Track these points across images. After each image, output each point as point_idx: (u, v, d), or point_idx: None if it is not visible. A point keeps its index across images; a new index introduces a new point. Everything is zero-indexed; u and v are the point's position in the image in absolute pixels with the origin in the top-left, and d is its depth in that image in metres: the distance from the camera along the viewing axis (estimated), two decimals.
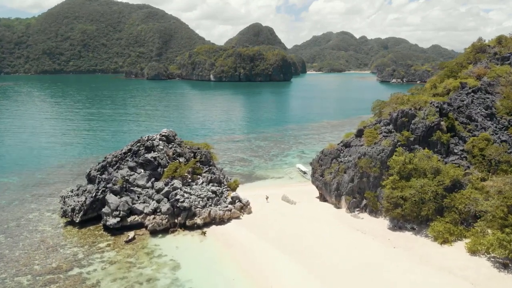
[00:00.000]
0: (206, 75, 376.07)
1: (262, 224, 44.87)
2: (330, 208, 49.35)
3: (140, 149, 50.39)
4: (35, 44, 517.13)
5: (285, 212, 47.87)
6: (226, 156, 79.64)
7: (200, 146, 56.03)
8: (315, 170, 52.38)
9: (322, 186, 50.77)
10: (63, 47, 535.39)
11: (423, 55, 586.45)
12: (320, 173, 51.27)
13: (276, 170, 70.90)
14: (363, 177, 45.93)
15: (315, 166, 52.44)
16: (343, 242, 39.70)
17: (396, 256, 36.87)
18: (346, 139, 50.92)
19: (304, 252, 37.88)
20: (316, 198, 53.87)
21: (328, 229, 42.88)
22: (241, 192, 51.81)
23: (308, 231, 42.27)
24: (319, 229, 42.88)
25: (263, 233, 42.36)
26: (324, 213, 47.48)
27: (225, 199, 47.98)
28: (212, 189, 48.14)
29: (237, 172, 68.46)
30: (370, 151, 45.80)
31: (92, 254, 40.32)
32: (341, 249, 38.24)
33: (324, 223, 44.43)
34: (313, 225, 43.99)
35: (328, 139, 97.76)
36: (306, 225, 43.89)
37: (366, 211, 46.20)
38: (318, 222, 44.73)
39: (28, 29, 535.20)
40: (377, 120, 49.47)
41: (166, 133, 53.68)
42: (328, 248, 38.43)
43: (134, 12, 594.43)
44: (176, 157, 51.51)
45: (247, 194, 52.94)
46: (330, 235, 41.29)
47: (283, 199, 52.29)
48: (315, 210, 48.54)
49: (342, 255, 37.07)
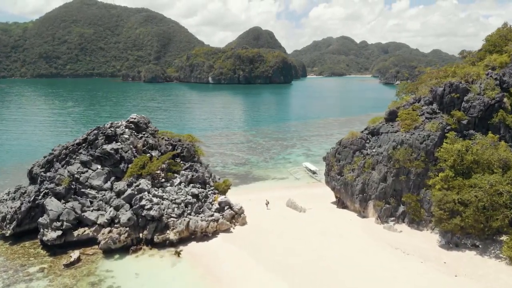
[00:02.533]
0: (205, 78, 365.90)
1: (261, 241, 32.12)
2: (353, 218, 36.57)
3: (99, 138, 37.86)
4: (32, 47, 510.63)
5: (292, 223, 35.13)
6: (218, 154, 67.08)
7: (182, 138, 43.55)
8: (331, 167, 39.75)
9: (341, 188, 38.08)
10: (60, 50, 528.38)
11: (424, 59, 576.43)
12: (338, 170, 38.61)
13: (278, 169, 58.25)
14: (400, 174, 33.29)
15: (331, 162, 39.80)
16: (381, 269, 26.88)
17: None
18: (373, 125, 38.36)
19: (325, 285, 25.10)
20: (331, 203, 41.15)
21: (355, 248, 30.06)
22: (233, 196, 39.18)
23: (328, 252, 29.46)
24: (342, 248, 30.06)
25: (261, 255, 29.58)
26: (346, 225, 34.69)
27: (210, 205, 35.29)
28: (193, 191, 35.47)
29: (230, 172, 55.84)
30: (410, 138, 33.25)
31: (14, 285, 27.66)
32: (379, 280, 25.42)
33: (348, 240, 31.61)
34: (333, 242, 31.19)
35: (337, 136, 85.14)
36: (323, 242, 31.07)
37: (404, 221, 33.48)
38: (340, 237, 31.93)
39: (25, 32, 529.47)
40: (414, 99, 36.98)
41: (135, 119, 41.22)
42: (361, 279, 25.62)
43: (133, 15, 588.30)
44: (147, 150, 38.97)
45: (241, 198, 40.29)
46: (360, 258, 28.46)
47: (288, 205, 39.65)
48: (333, 221, 35.76)
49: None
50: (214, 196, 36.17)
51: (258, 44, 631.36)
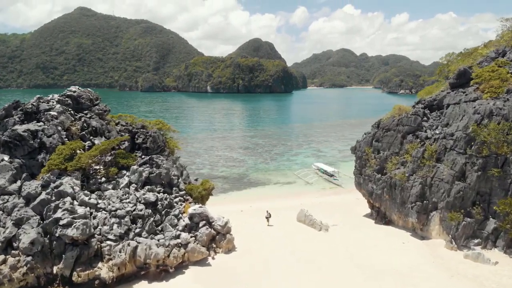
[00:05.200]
0: (203, 87, 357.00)
1: (256, 280, 18.49)
2: (406, 239, 22.89)
3: (14, 115, 24.75)
4: (29, 58, 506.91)
5: (308, 250, 21.51)
6: (207, 154, 53.77)
7: (147, 124, 30.47)
8: (365, 162, 26.40)
9: (383, 193, 24.61)
10: (58, 61, 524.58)
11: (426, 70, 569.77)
12: (377, 166, 25.25)
13: (282, 172, 44.89)
14: (490, 167, 19.97)
15: (365, 154, 26.42)
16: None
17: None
18: (432, 95, 25.22)
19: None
20: (364, 217, 27.64)
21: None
22: (217, 207, 25.85)
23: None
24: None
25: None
26: (401, 253, 20.98)
27: (175, 219, 21.74)
28: (148, 198, 21.95)
29: (219, 175, 42.49)
30: (504, 107, 20.12)
31: None
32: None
33: (414, 285, 17.88)
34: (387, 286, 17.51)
35: (351, 137, 72.15)
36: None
37: (497, 244, 19.95)
38: (400, 280, 18.20)
39: (22, 43, 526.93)
40: (497, 52, 23.98)
41: (74, 92, 28.24)
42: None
43: (132, 27, 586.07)
44: (87, 135, 25.76)
45: (230, 209, 26.92)
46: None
47: (300, 219, 26.15)
48: (377, 245, 22.09)
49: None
50: (184, 205, 22.73)
51: (258, 55, 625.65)
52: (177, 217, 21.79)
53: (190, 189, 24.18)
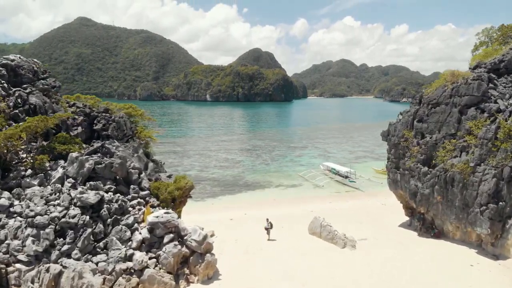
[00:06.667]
0: (202, 95, 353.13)
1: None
2: (474, 260, 15.43)
3: None
4: None
5: (331, 281, 14.07)
6: (198, 155, 46.54)
7: (112, 107, 23.50)
8: (401, 154, 19.16)
9: (432, 193, 17.28)
10: (56, 70, 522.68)
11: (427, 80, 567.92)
12: (421, 156, 17.97)
13: (284, 173, 37.59)
14: None
15: (405, 141, 19.19)
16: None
17: None
18: (494, 57, 18.18)
19: None
20: (402, 227, 20.24)
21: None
22: (200, 215, 18.55)
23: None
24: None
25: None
26: (479, 283, 13.52)
27: (125, 232, 14.38)
28: (85, 198, 14.57)
29: (209, 177, 35.14)
30: None
31: None
32: None
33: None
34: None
35: (359, 138, 65.43)
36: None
37: None
38: None
39: (21, 52, 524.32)
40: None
41: (13, 61, 21.32)
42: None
43: (132, 36, 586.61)
44: (21, 114, 18.63)
45: (216, 218, 19.56)
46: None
47: (313, 230, 18.78)
48: (434, 269, 14.65)
49: None
50: (143, 210, 15.39)
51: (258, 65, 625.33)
52: (130, 228, 14.43)
53: (157, 187, 16.89)
